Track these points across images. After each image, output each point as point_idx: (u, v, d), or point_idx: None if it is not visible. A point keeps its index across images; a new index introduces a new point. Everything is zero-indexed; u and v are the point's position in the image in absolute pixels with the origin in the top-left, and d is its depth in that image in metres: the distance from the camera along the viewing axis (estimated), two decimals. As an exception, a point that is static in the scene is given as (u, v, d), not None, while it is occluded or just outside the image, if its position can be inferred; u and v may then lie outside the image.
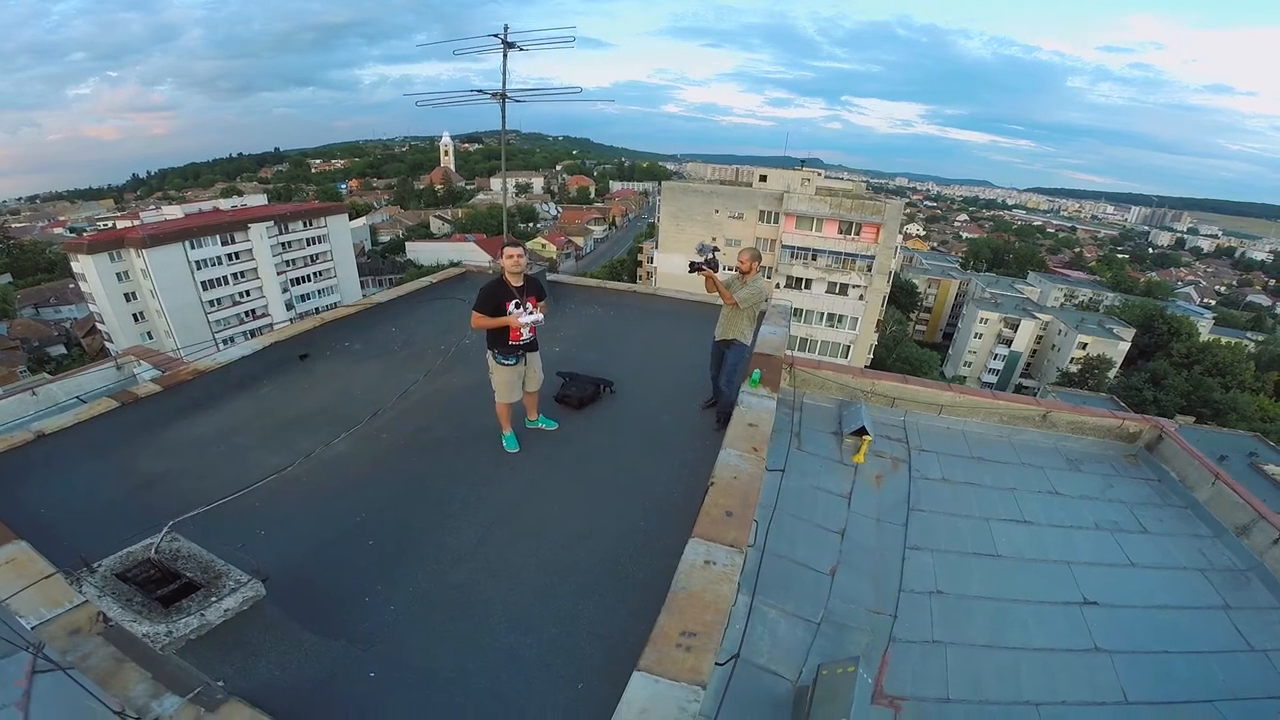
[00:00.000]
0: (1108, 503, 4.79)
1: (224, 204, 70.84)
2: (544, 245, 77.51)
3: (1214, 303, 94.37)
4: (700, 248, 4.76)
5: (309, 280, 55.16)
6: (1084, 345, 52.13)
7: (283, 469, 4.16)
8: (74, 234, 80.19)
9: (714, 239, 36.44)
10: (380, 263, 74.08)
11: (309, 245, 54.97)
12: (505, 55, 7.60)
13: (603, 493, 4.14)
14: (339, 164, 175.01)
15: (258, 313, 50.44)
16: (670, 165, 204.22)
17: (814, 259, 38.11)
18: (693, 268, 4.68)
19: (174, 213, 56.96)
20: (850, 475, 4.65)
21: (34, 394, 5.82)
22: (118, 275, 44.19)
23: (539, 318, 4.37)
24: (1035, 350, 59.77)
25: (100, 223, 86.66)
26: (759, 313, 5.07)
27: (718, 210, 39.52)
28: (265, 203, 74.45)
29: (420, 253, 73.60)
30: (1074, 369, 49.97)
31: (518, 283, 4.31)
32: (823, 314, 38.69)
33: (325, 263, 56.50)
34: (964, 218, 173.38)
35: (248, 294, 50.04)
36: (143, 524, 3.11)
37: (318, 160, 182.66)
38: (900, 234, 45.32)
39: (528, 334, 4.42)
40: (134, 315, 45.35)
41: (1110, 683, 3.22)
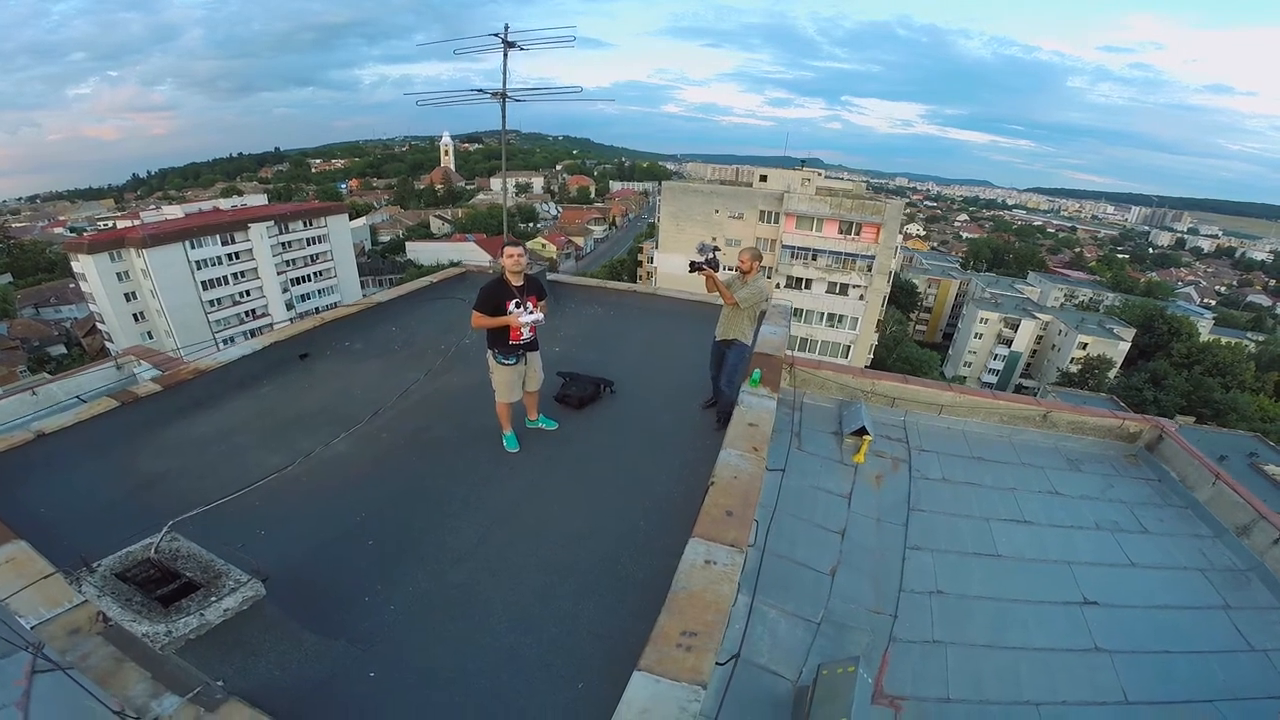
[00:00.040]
0: (1108, 503, 4.78)
1: (224, 204, 70.97)
2: (544, 245, 77.50)
3: (1214, 303, 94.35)
4: (701, 247, 4.75)
5: (309, 280, 55.15)
6: (1084, 345, 52.13)
7: (283, 469, 4.16)
8: (74, 234, 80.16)
9: (714, 239, 36.42)
10: (380, 263, 74.07)
11: (309, 245, 54.96)
12: (505, 55, 7.61)
13: (603, 492, 4.14)
14: (339, 164, 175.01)
15: (258, 312, 50.44)
16: (670, 165, 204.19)
17: (814, 259, 38.11)
18: (693, 267, 4.68)
19: (174, 212, 57.10)
20: (850, 475, 4.65)
21: (34, 394, 5.82)
22: (118, 275, 44.21)
23: (539, 317, 4.37)
24: (1035, 350, 59.76)
25: (100, 223, 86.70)
26: (759, 313, 5.07)
27: (718, 210, 39.52)
28: (265, 203, 74.60)
29: (420, 253, 73.61)
30: (1074, 369, 49.97)
31: (518, 282, 4.31)
32: (823, 314, 38.69)
33: (325, 263, 56.50)
34: (964, 218, 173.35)
35: (248, 294, 50.05)
36: (142, 524, 3.11)
37: (318, 160, 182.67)
38: (900, 234, 45.32)
39: (528, 333, 4.42)
40: (134, 315, 45.36)
41: (1110, 683, 3.22)
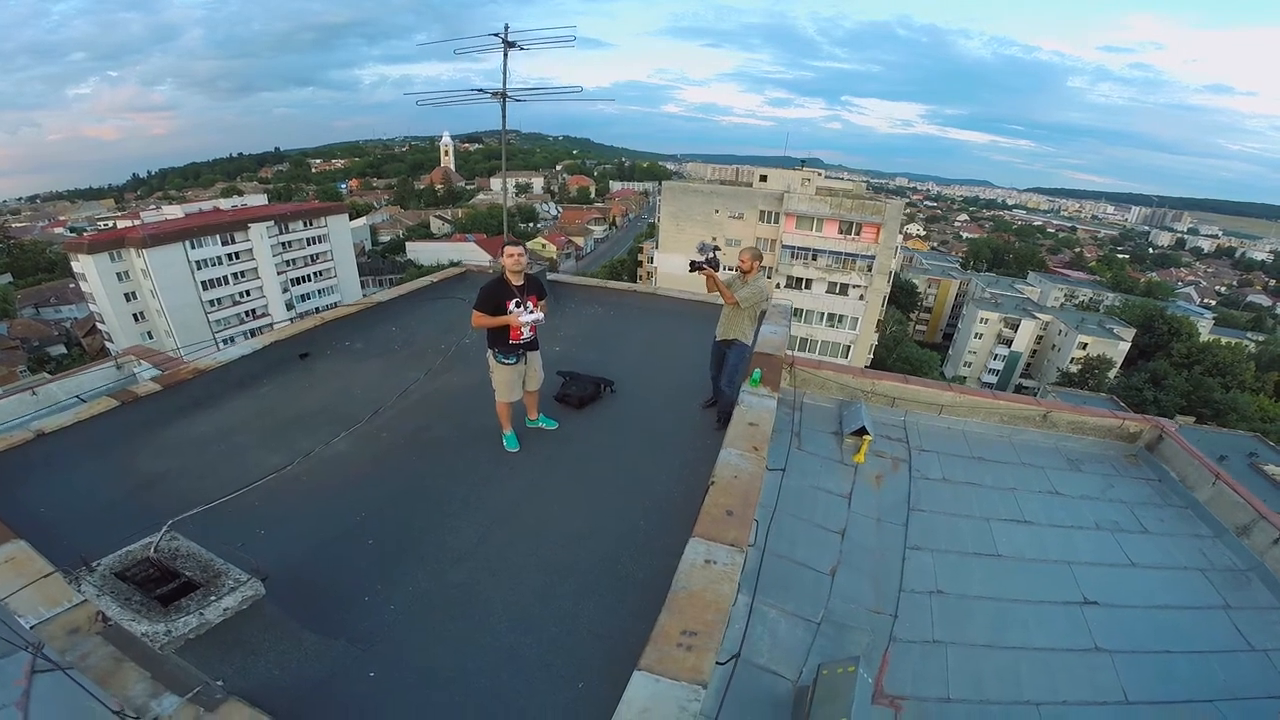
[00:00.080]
0: (1108, 503, 4.78)
1: (224, 204, 70.98)
2: (544, 245, 77.49)
3: (1214, 303, 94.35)
4: (701, 247, 4.76)
5: (309, 280, 55.15)
6: (1084, 345, 52.13)
7: (282, 468, 4.16)
8: (74, 234, 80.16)
9: (714, 239, 36.43)
10: (380, 262, 74.08)
11: (309, 245, 54.96)
12: (505, 54, 7.62)
13: (603, 492, 4.14)
14: (339, 164, 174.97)
15: (258, 312, 50.43)
16: (670, 165, 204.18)
17: (814, 259, 38.12)
18: (694, 267, 4.68)
19: (174, 212, 57.10)
20: (850, 475, 4.65)
21: (34, 393, 5.82)
22: (118, 275, 44.21)
23: (539, 317, 4.37)
24: (1035, 350, 59.76)
25: (100, 222, 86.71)
26: (760, 312, 5.08)
27: (718, 210, 39.52)
28: (265, 202, 74.60)
29: (420, 252, 73.63)
30: (1074, 369, 49.96)
31: (518, 282, 4.30)
32: (823, 314, 38.69)
33: (325, 262, 56.50)
34: (964, 218, 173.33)
35: (248, 294, 50.04)
36: (142, 523, 3.10)
37: (318, 160, 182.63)
38: (900, 234, 45.32)
39: (528, 333, 4.42)
40: (134, 315, 45.36)
41: (1111, 682, 3.22)
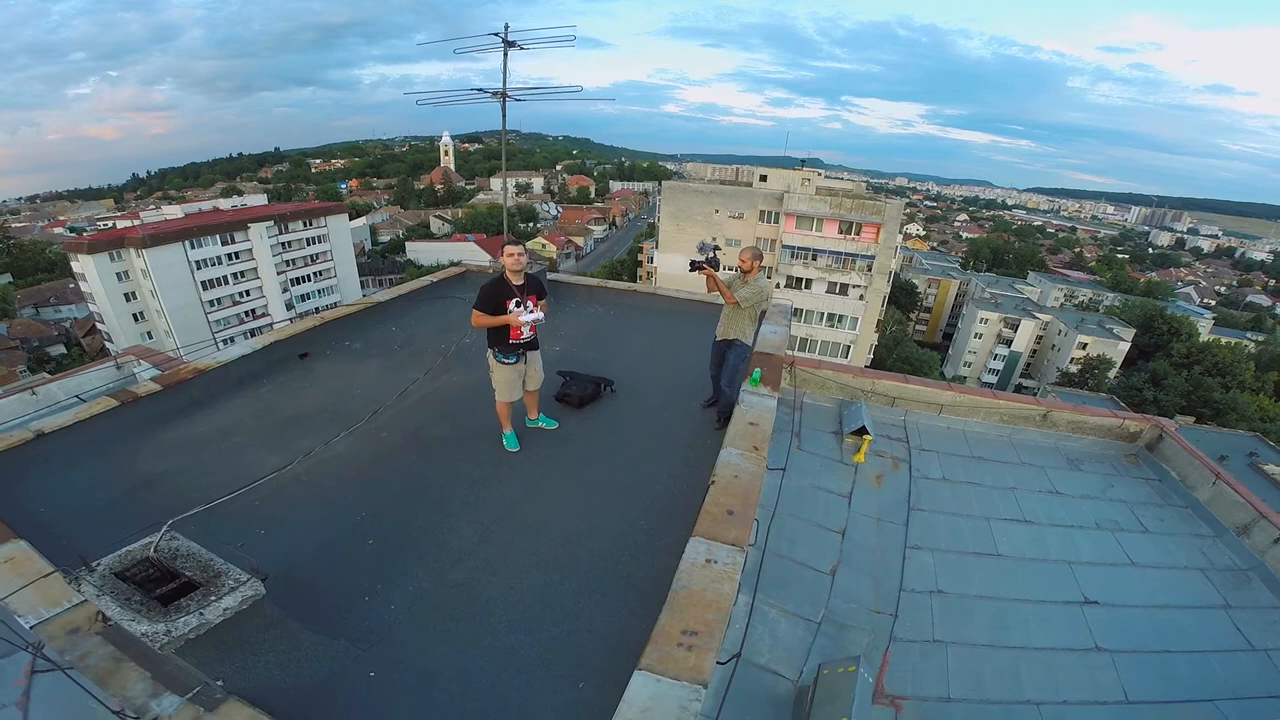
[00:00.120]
0: (1108, 502, 4.78)
1: (224, 204, 70.95)
2: (544, 245, 77.45)
3: (1214, 303, 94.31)
4: (701, 246, 4.76)
5: (309, 280, 55.11)
6: (1084, 345, 52.11)
7: (282, 468, 4.15)
8: (74, 234, 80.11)
9: (714, 238, 36.45)
10: (380, 262, 74.04)
11: (309, 245, 54.92)
12: (505, 54, 7.61)
13: (603, 492, 4.13)
14: (339, 164, 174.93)
15: (258, 312, 50.43)
16: (670, 165, 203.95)
17: (814, 259, 38.12)
18: (694, 267, 4.68)
19: (174, 212, 57.04)
20: (851, 475, 4.65)
21: (34, 393, 5.82)
22: (118, 275, 44.18)
23: (539, 316, 4.37)
24: (1035, 350, 59.74)
25: (100, 222, 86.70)
26: (760, 312, 5.08)
27: (718, 210, 39.51)
28: (265, 202, 74.58)
29: (420, 252, 73.64)
30: (1074, 369, 49.96)
31: (518, 281, 4.30)
32: (823, 314, 38.69)
33: (325, 262, 56.47)
34: (964, 218, 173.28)
35: (248, 294, 50.02)
36: (142, 523, 3.10)
37: (318, 160, 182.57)
38: (900, 234, 45.33)
39: (528, 333, 4.42)
40: (134, 315, 45.33)
41: (1111, 682, 3.22)
